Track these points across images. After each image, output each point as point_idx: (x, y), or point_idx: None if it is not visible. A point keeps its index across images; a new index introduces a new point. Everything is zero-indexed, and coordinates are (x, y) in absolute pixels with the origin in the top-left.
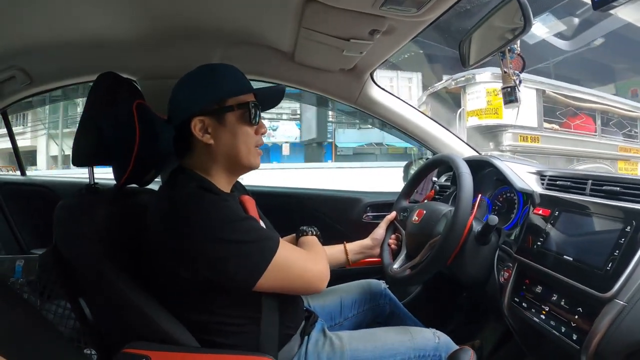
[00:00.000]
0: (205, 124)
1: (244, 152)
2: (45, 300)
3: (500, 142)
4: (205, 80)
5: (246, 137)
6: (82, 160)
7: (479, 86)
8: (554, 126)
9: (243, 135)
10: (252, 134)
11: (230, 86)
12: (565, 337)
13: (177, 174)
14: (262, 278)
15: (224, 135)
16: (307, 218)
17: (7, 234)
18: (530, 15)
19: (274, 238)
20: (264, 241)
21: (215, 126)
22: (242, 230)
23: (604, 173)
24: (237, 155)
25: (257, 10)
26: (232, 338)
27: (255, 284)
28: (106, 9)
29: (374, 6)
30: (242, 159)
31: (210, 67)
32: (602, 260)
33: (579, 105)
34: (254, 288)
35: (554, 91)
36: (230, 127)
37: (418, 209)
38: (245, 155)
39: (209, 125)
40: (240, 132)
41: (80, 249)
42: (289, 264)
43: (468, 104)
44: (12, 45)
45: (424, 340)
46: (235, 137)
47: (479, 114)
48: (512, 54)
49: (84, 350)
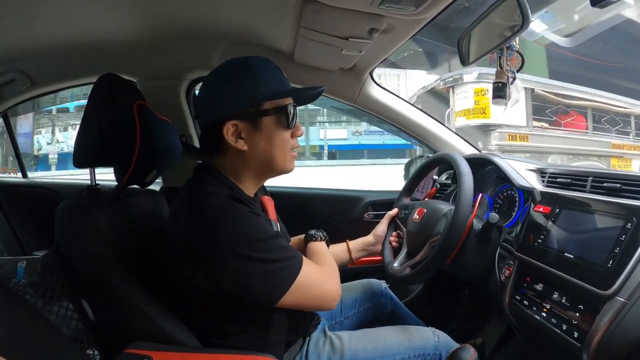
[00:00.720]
0: (239, 128)
1: (280, 159)
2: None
3: (489, 141)
4: (241, 79)
5: (283, 143)
6: (83, 162)
7: (466, 86)
8: (543, 124)
9: (280, 141)
10: (288, 138)
11: (268, 87)
12: (567, 335)
13: (204, 174)
14: (284, 297)
15: (260, 141)
16: (308, 217)
17: (10, 236)
18: (528, 12)
19: (297, 257)
20: (289, 260)
21: (249, 131)
22: (270, 249)
23: (605, 170)
24: (273, 161)
25: (256, 10)
26: (238, 343)
27: (277, 302)
28: (105, 11)
29: (372, 5)
30: (277, 165)
31: (245, 62)
32: (603, 257)
33: (569, 103)
34: (275, 305)
35: (542, 89)
36: (267, 132)
37: (419, 207)
38: (281, 162)
39: (242, 130)
40: (277, 137)
41: (82, 250)
42: (310, 283)
43: (456, 104)
44: (12, 48)
45: (423, 340)
46: (272, 143)
47: (467, 114)
48: (510, 52)
49: (87, 351)
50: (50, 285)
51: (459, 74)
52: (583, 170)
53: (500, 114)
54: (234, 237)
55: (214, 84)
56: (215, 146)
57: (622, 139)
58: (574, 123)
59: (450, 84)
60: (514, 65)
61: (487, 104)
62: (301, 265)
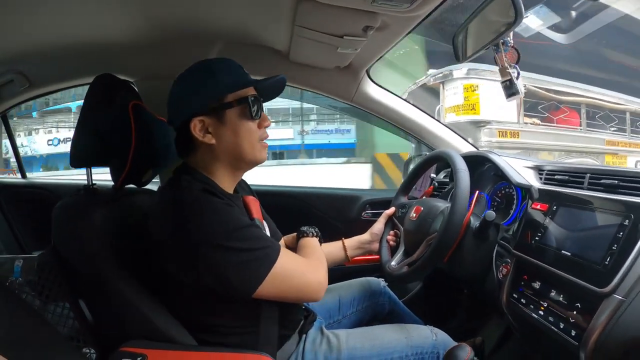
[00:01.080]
0: (205, 123)
1: (248, 149)
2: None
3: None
4: (201, 77)
5: (249, 133)
6: (79, 162)
7: (456, 82)
8: (535, 120)
9: (246, 132)
10: (254, 129)
11: (228, 81)
12: (564, 333)
13: (181, 174)
14: (261, 287)
15: (226, 133)
16: (306, 217)
17: (9, 236)
18: (521, 7)
19: (274, 247)
20: (265, 250)
21: (215, 125)
22: (243, 238)
23: (602, 166)
24: (241, 152)
25: (251, 9)
26: (230, 338)
27: (254, 292)
28: (103, 12)
29: (366, 2)
30: (246, 156)
31: (205, 63)
32: (601, 254)
33: (561, 99)
34: (253, 296)
35: (534, 85)
36: (231, 124)
37: (416, 205)
38: (250, 152)
39: (209, 125)
40: (242, 128)
41: (79, 249)
42: (289, 273)
43: (446, 100)
44: (10, 49)
45: (421, 338)
46: (238, 135)
47: (457, 110)
48: (506, 47)
49: (83, 350)
50: (47, 284)
51: (449, 70)
52: (581, 167)
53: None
54: (208, 229)
55: (179, 87)
56: (187, 145)
57: (617, 135)
58: (567, 119)
59: (440, 80)
60: (512, 61)
61: (477, 100)
62: (278, 254)
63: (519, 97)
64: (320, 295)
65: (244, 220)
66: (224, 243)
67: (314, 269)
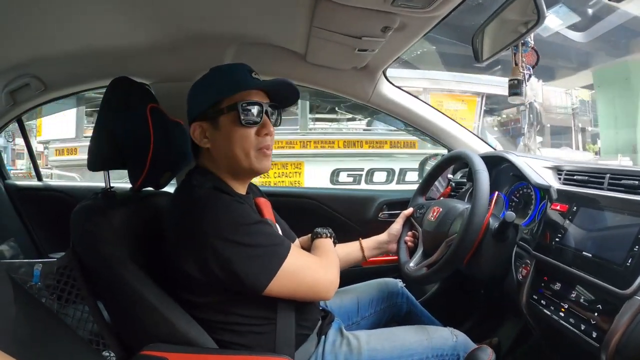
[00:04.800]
0: (204, 128)
1: (241, 156)
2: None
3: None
4: (206, 82)
5: (242, 141)
6: (97, 165)
7: None
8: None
9: (239, 139)
10: (250, 137)
11: (221, 86)
12: (585, 335)
13: (193, 173)
14: (271, 284)
15: (219, 139)
16: (322, 218)
17: (26, 238)
18: (543, 8)
19: (284, 244)
20: (274, 246)
21: (211, 130)
22: (253, 234)
23: (623, 166)
24: (235, 159)
25: (268, 11)
26: (248, 338)
27: (264, 289)
28: (119, 17)
29: (385, 3)
30: (241, 162)
31: (214, 68)
32: (622, 256)
33: None
34: (264, 293)
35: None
36: (225, 130)
37: (434, 206)
38: (244, 159)
39: (206, 130)
40: (235, 135)
41: (97, 252)
42: (299, 271)
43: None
44: (25, 54)
45: (441, 340)
46: (230, 141)
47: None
48: (525, 48)
49: (103, 353)
50: (66, 288)
51: None
52: (600, 168)
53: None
54: (218, 223)
55: (191, 92)
56: (194, 147)
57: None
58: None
59: None
60: (529, 62)
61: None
62: (288, 251)
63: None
64: (330, 294)
65: (254, 217)
66: (234, 237)
67: (325, 268)
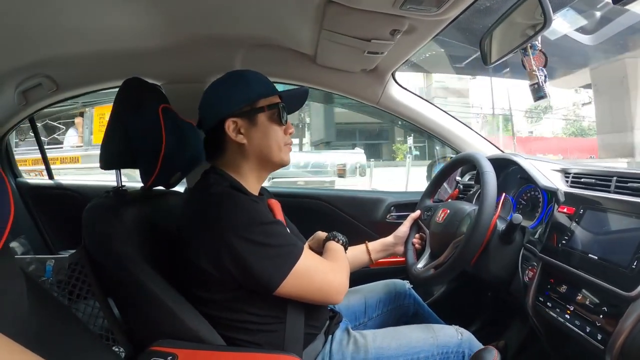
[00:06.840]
0: (238, 124)
1: (276, 150)
2: (74, 299)
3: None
4: (236, 84)
5: (277, 136)
6: (109, 164)
7: None
8: None
9: (274, 134)
10: (281, 133)
11: (260, 88)
12: (590, 337)
13: (209, 174)
14: (284, 283)
15: (256, 134)
16: (330, 219)
17: (37, 236)
18: (550, 11)
19: (297, 245)
20: (288, 247)
21: (247, 126)
22: (268, 233)
23: (630, 169)
24: (269, 153)
25: (278, 13)
26: (257, 336)
27: (276, 288)
28: (131, 18)
29: (394, 6)
30: (274, 157)
31: (238, 72)
32: (628, 258)
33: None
34: (275, 293)
35: None
36: (262, 127)
37: (442, 208)
38: (277, 153)
39: (241, 126)
40: (271, 131)
41: (109, 249)
42: (311, 272)
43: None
44: (38, 54)
45: (446, 337)
46: (267, 136)
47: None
48: (533, 50)
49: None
50: (78, 284)
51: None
52: (607, 170)
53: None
54: (234, 220)
55: (215, 92)
56: (218, 145)
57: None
58: None
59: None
60: (539, 64)
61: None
62: (301, 253)
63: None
64: (340, 298)
65: (269, 217)
66: (250, 236)
67: (335, 272)
